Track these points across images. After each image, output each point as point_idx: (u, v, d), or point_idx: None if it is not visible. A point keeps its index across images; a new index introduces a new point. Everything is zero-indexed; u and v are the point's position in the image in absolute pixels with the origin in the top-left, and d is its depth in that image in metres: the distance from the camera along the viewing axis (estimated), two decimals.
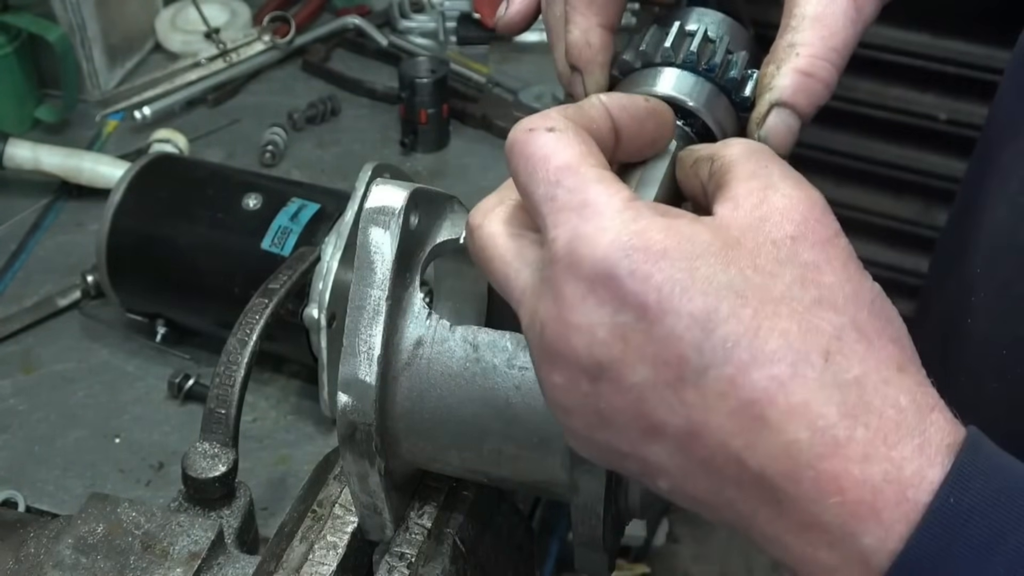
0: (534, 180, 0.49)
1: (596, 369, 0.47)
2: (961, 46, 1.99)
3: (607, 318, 0.46)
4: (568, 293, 0.47)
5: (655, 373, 0.46)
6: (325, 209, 1.04)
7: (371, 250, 0.60)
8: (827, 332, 0.45)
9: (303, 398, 1.09)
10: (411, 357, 0.62)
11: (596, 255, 0.46)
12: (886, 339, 0.47)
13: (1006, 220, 0.71)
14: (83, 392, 1.10)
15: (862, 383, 0.45)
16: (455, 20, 1.56)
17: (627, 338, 0.46)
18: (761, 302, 0.45)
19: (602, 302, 0.46)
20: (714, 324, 0.45)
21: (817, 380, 0.45)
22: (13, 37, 1.35)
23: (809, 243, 0.48)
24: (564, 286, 0.47)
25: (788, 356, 0.45)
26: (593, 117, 0.53)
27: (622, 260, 0.46)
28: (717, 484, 0.47)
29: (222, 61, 1.48)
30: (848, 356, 0.45)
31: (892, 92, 2.07)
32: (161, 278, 1.10)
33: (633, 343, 0.46)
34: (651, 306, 0.46)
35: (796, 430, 0.44)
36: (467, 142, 1.41)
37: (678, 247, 0.46)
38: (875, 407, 0.45)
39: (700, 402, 0.46)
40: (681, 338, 0.45)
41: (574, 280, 0.47)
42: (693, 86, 0.61)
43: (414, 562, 0.67)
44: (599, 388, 0.48)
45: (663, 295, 0.46)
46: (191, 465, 0.76)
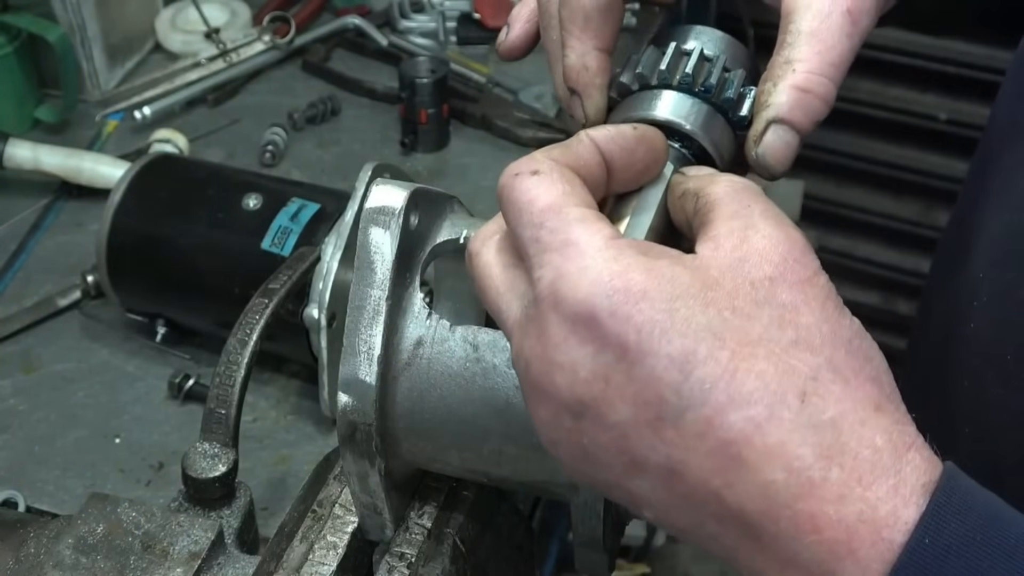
0: (520, 223, 0.51)
1: (578, 407, 0.48)
2: (961, 46, 1.99)
3: (588, 358, 0.48)
4: (551, 332, 0.48)
5: (635, 412, 0.47)
6: (325, 209, 1.04)
7: (371, 250, 0.60)
8: (804, 373, 0.46)
9: (303, 398, 1.09)
10: (411, 357, 0.62)
11: (577, 295, 0.47)
12: (863, 378, 0.47)
13: (1009, 224, 0.70)
14: (83, 392, 1.10)
15: (838, 424, 0.46)
16: (455, 20, 1.56)
17: (608, 378, 0.47)
18: (739, 344, 0.46)
19: (583, 342, 0.48)
20: (692, 366, 0.46)
21: (793, 421, 0.45)
22: (13, 37, 1.36)
23: (787, 284, 0.48)
24: (548, 325, 0.48)
25: (765, 398, 0.46)
26: (580, 154, 0.54)
27: (602, 301, 0.47)
28: (699, 519, 0.48)
29: (222, 61, 1.48)
30: (824, 397, 0.46)
31: (892, 92, 2.07)
32: (161, 278, 1.10)
33: (614, 383, 0.47)
34: (631, 347, 0.47)
35: (772, 471, 0.45)
36: (467, 142, 1.41)
37: (658, 288, 0.47)
38: (850, 448, 0.45)
39: (679, 441, 0.47)
40: (660, 379, 0.46)
41: (557, 319, 0.48)
42: (690, 108, 0.61)
43: (414, 562, 0.67)
44: (582, 425, 0.49)
45: (643, 336, 0.46)
46: (191, 465, 0.76)
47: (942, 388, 0.75)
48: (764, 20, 0.72)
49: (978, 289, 0.72)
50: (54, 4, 1.38)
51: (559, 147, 0.54)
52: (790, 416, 0.45)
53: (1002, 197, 0.72)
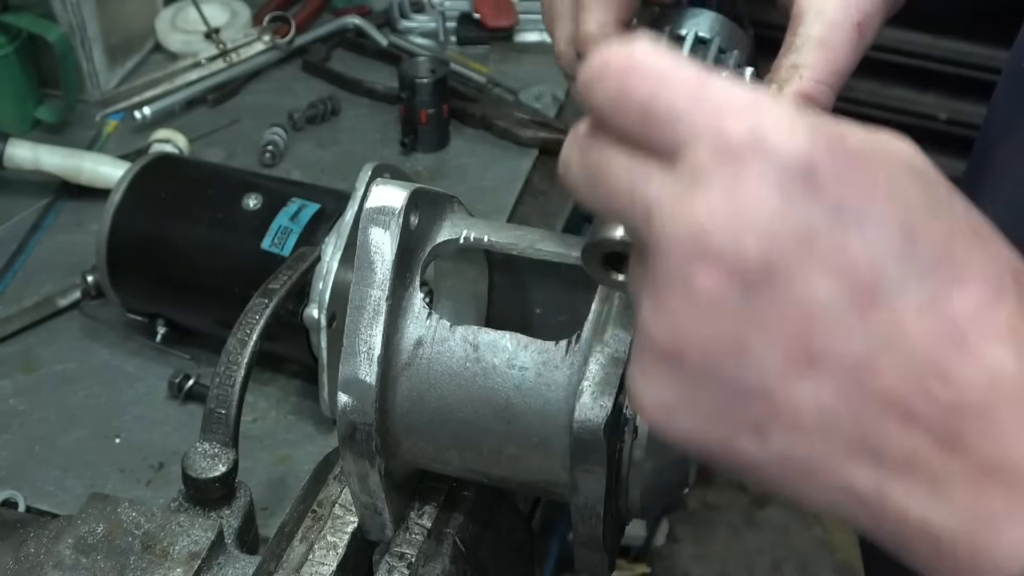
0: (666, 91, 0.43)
1: (762, 274, 0.40)
2: (961, 46, 1.99)
3: (796, 213, 0.40)
4: (749, 181, 0.40)
5: (839, 287, 0.40)
6: (325, 209, 1.04)
7: (371, 250, 0.60)
8: (1005, 259, 0.42)
9: (303, 398, 1.09)
10: (411, 357, 0.62)
11: (795, 144, 0.40)
12: None
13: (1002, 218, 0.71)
14: (83, 392, 1.10)
15: None
16: (455, 20, 1.56)
17: (814, 242, 0.40)
18: (951, 222, 0.42)
19: (794, 195, 0.40)
20: (918, 235, 0.40)
21: (1017, 303, 0.41)
22: (13, 37, 1.35)
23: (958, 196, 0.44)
24: (744, 175, 0.41)
25: (987, 276, 0.41)
26: None
27: (825, 154, 0.41)
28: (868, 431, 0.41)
29: (222, 61, 1.48)
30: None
31: (892, 92, 2.07)
32: (161, 278, 1.10)
33: (820, 249, 0.40)
34: (845, 206, 0.40)
35: (1002, 356, 0.40)
36: (467, 142, 1.41)
37: (875, 154, 0.42)
38: None
39: (889, 325, 0.40)
40: (881, 247, 0.40)
41: (760, 168, 0.40)
42: None
43: (414, 562, 0.67)
44: (755, 301, 0.41)
45: (865, 195, 0.40)
46: (191, 465, 0.76)
47: None
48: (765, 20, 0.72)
49: None
50: (54, 4, 1.38)
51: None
52: (1013, 298, 0.41)
53: (995, 191, 0.73)
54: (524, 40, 1.55)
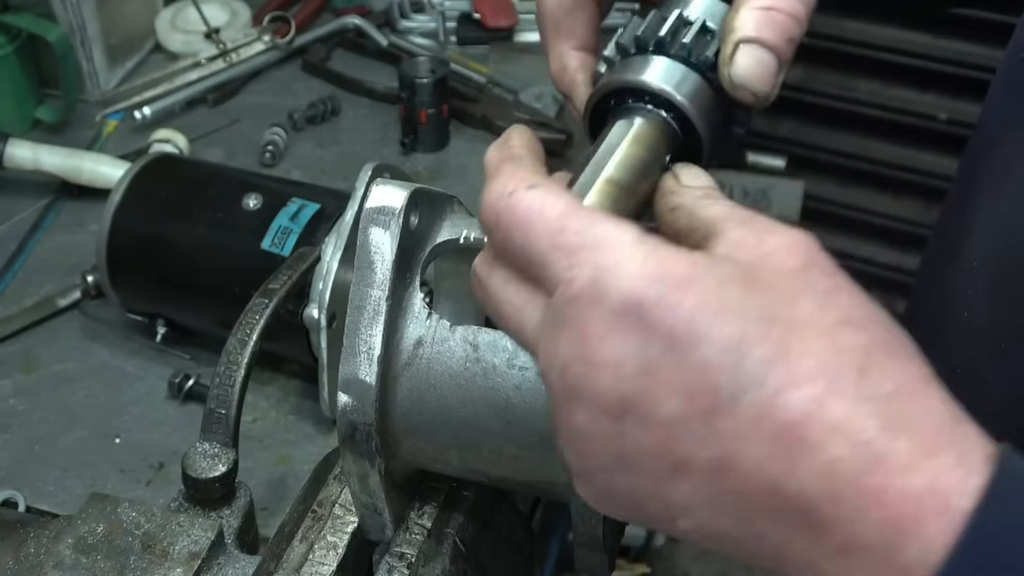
0: (532, 236, 0.49)
1: (621, 405, 0.46)
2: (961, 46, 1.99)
3: (634, 350, 0.46)
4: (591, 328, 0.46)
5: (686, 404, 0.45)
6: (325, 209, 1.04)
7: (371, 250, 0.60)
8: (857, 349, 0.45)
9: (303, 398, 1.09)
10: (411, 357, 0.62)
11: (622, 286, 0.46)
12: (908, 355, 0.46)
13: (1004, 216, 0.71)
14: (83, 392, 1.10)
15: (898, 396, 0.44)
16: (455, 20, 1.56)
17: (655, 370, 0.45)
18: (789, 325, 0.45)
19: (629, 334, 0.46)
20: (747, 348, 0.44)
21: (854, 395, 0.44)
22: (13, 37, 1.35)
23: (819, 272, 0.47)
24: (587, 322, 0.46)
25: (823, 375, 0.44)
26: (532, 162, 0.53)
27: (649, 290, 0.45)
28: (747, 518, 0.46)
29: (222, 61, 1.48)
30: (881, 370, 0.45)
31: (892, 92, 2.07)
32: (161, 278, 1.10)
33: (662, 375, 0.45)
34: (680, 335, 0.45)
35: (837, 448, 0.43)
36: (467, 142, 1.41)
37: (704, 274, 0.46)
38: (914, 418, 0.44)
39: (734, 430, 0.45)
40: (713, 365, 0.45)
41: (599, 314, 0.46)
42: (665, 70, 0.59)
43: (414, 562, 0.67)
44: (623, 427, 0.47)
45: (692, 323, 0.45)
46: (191, 465, 0.76)
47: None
48: None
49: (973, 279, 0.72)
50: (54, 4, 1.38)
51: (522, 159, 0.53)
52: (851, 391, 0.44)
53: (996, 189, 0.73)
54: (524, 40, 1.55)
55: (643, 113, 0.59)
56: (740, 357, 0.44)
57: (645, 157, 0.57)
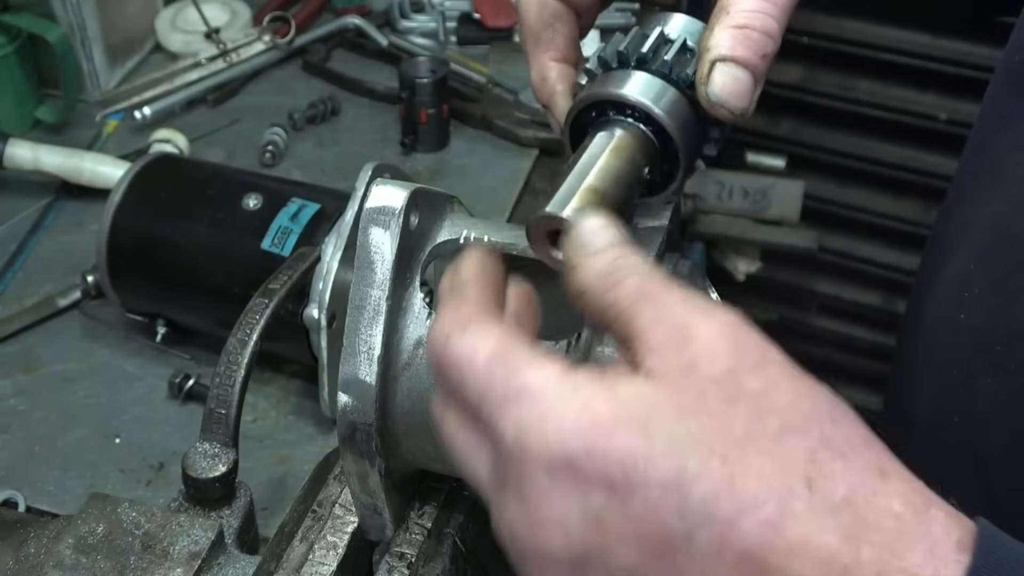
0: (465, 385, 0.48)
1: (579, 561, 0.45)
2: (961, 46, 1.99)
3: (576, 506, 0.44)
4: (529, 488, 0.45)
5: (641, 550, 0.44)
6: (325, 209, 1.04)
7: (371, 250, 0.60)
8: (801, 459, 0.44)
9: (303, 398, 1.09)
10: (411, 357, 0.62)
11: (547, 443, 0.44)
12: (858, 445, 0.45)
13: (999, 214, 0.71)
14: (83, 392, 1.10)
15: (852, 501, 0.43)
16: (455, 20, 1.56)
17: (602, 521, 0.44)
18: (727, 447, 0.44)
19: (567, 490, 0.44)
20: (688, 485, 0.43)
21: (807, 511, 0.43)
22: (13, 37, 1.35)
23: (748, 370, 0.45)
24: (523, 482, 0.45)
25: (772, 495, 0.43)
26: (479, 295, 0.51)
27: (574, 443, 0.44)
28: None
29: (222, 61, 1.48)
30: (830, 477, 0.44)
31: (892, 92, 2.07)
32: (161, 278, 1.10)
33: (610, 525, 0.44)
34: (618, 482, 0.44)
35: (802, 568, 0.43)
36: (467, 142, 1.41)
37: (627, 413, 0.44)
38: (872, 522, 0.43)
39: (696, 567, 0.44)
40: (658, 508, 0.43)
41: (532, 473, 0.45)
42: (643, 84, 0.61)
43: (414, 562, 0.67)
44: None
45: (627, 468, 0.43)
46: (191, 465, 0.76)
47: (932, 379, 0.75)
48: None
49: (969, 280, 0.72)
50: (54, 4, 1.38)
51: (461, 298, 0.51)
52: (803, 507, 0.43)
53: (990, 188, 0.73)
54: None
55: (623, 125, 0.61)
56: (683, 496, 0.43)
57: (624, 167, 0.59)
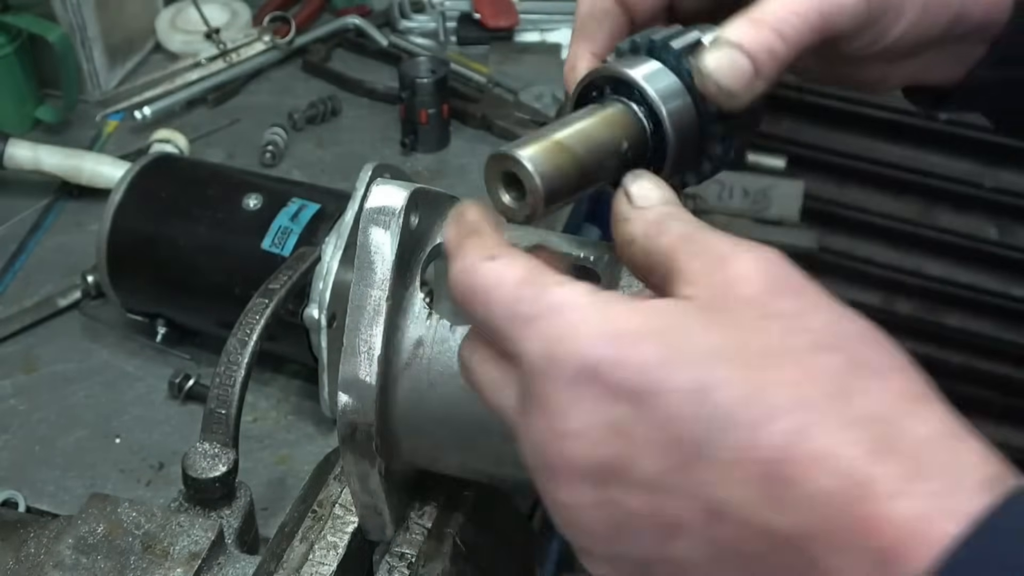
0: (492, 309, 0.48)
1: (601, 473, 0.45)
2: None
3: (600, 415, 0.45)
4: (554, 401, 0.46)
5: (663, 460, 0.44)
6: (325, 209, 1.04)
7: (371, 250, 0.60)
8: (833, 373, 0.43)
9: (303, 398, 1.09)
10: (411, 357, 0.62)
11: (573, 352, 0.45)
12: (896, 371, 0.44)
13: None
14: (83, 392, 1.10)
15: (882, 417, 0.42)
16: (455, 20, 1.56)
17: (625, 431, 0.44)
18: (755, 356, 0.44)
19: (590, 400, 0.45)
20: (708, 392, 0.43)
21: (836, 422, 0.42)
22: (13, 37, 1.35)
23: (785, 293, 0.46)
24: (548, 395, 0.46)
25: (799, 405, 0.42)
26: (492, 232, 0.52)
27: (601, 350, 0.45)
28: (751, 565, 0.44)
29: (222, 61, 1.48)
30: (861, 393, 0.43)
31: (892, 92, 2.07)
32: (161, 278, 1.10)
33: (633, 435, 0.44)
34: (640, 391, 0.44)
35: (821, 478, 0.42)
36: (467, 142, 1.41)
37: (656, 324, 0.45)
38: (899, 441, 0.42)
39: (716, 477, 0.43)
40: (678, 416, 0.43)
41: (557, 385, 0.45)
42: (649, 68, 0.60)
43: (414, 562, 0.67)
44: (609, 494, 0.46)
45: (649, 376, 0.44)
46: (191, 465, 0.76)
47: None
48: None
49: None
50: (54, 4, 1.38)
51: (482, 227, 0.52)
52: (831, 418, 0.42)
53: None
54: (524, 40, 1.55)
55: (615, 101, 0.60)
56: (705, 401, 0.43)
57: (601, 134, 0.58)
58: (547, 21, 1.57)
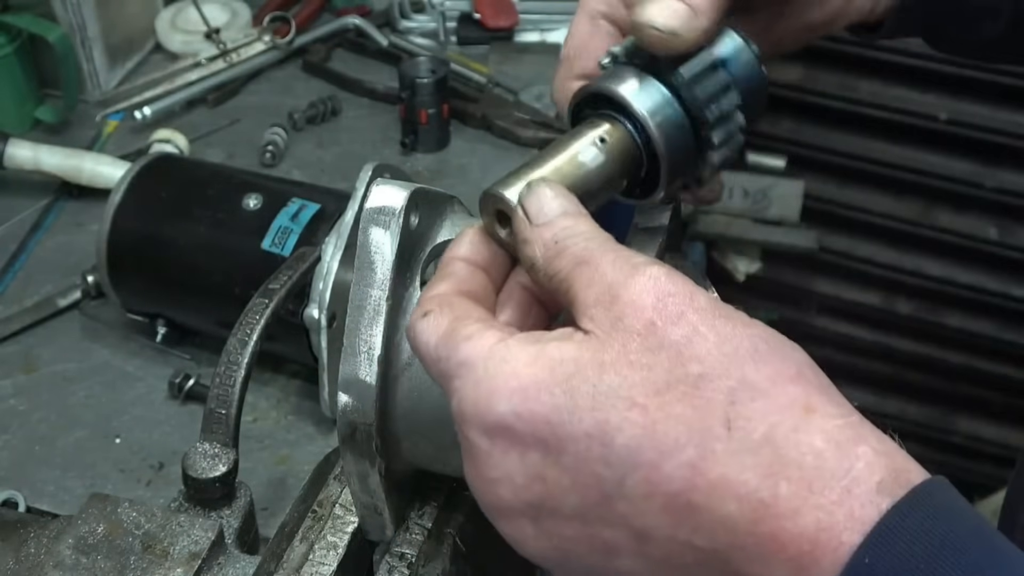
0: (427, 364, 0.52)
1: (532, 511, 0.49)
2: None
3: (517, 464, 0.48)
4: (476, 449, 0.49)
5: (583, 498, 0.48)
6: (325, 209, 1.04)
7: (371, 250, 0.60)
8: (720, 401, 0.46)
9: (303, 398, 1.09)
10: (411, 357, 0.62)
11: (480, 409, 0.48)
12: (784, 382, 0.46)
13: None
14: (83, 392, 1.10)
15: (771, 438, 0.45)
16: (455, 20, 1.56)
17: (543, 475, 0.48)
18: (648, 395, 0.46)
19: (506, 450, 0.48)
20: (611, 435, 0.46)
21: (726, 451, 0.45)
22: (13, 37, 1.36)
23: (670, 320, 0.47)
24: (472, 443, 0.50)
25: (691, 439, 0.45)
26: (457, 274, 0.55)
27: (504, 406, 0.48)
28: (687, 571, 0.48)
29: (222, 61, 1.48)
30: (749, 417, 0.45)
31: (892, 92, 2.07)
32: (161, 278, 1.10)
33: (550, 478, 0.48)
34: (549, 439, 0.47)
35: (724, 504, 0.45)
36: (467, 142, 1.41)
37: (551, 374, 0.48)
38: (792, 459, 0.45)
39: (632, 509, 0.47)
40: (587, 459, 0.47)
41: (475, 437, 0.49)
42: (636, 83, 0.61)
43: (414, 562, 0.67)
44: (545, 526, 0.50)
45: (554, 425, 0.47)
46: (191, 465, 0.76)
47: None
48: None
49: None
50: (54, 4, 1.38)
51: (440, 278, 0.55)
52: (721, 447, 0.45)
53: None
54: (524, 40, 1.55)
55: (608, 119, 0.61)
56: (607, 445, 0.46)
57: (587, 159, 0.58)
58: (547, 21, 1.57)
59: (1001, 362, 2.18)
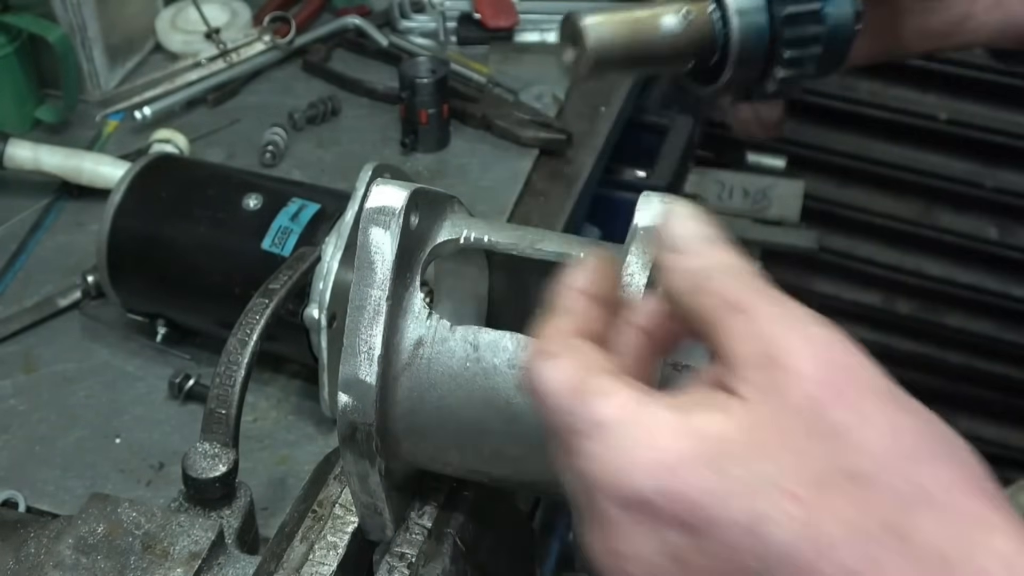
0: (551, 412, 0.48)
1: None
2: None
3: (654, 541, 0.45)
4: (608, 520, 0.46)
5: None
6: (325, 209, 1.04)
7: (371, 250, 0.60)
8: (887, 503, 0.42)
9: (303, 398, 1.09)
10: (411, 357, 0.62)
11: (626, 482, 0.45)
12: (958, 491, 0.43)
13: None
14: (83, 392, 1.10)
15: (944, 554, 0.41)
16: (455, 20, 1.56)
17: (682, 558, 0.44)
18: (805, 487, 0.42)
19: (644, 527, 0.45)
20: (765, 526, 0.42)
21: (892, 564, 0.41)
22: (13, 37, 1.35)
23: (835, 398, 0.44)
24: (604, 511, 0.46)
25: (853, 541, 0.41)
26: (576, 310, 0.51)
27: (647, 482, 0.44)
28: None
29: (222, 61, 1.48)
30: (920, 526, 0.42)
31: (892, 92, 2.07)
32: (161, 278, 1.10)
33: (690, 562, 0.44)
34: (693, 523, 0.44)
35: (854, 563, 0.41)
36: (467, 142, 1.40)
37: (699, 450, 0.44)
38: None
39: None
40: (735, 547, 0.43)
41: (612, 508, 0.46)
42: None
43: (414, 562, 0.67)
44: None
45: (701, 509, 0.43)
46: (191, 465, 0.76)
47: None
48: None
49: None
50: (54, 4, 1.38)
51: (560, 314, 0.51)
52: (888, 555, 0.41)
53: None
54: (524, 40, 1.55)
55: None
56: (761, 538, 0.42)
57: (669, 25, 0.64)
58: (547, 21, 1.57)
59: (1001, 362, 2.18)
